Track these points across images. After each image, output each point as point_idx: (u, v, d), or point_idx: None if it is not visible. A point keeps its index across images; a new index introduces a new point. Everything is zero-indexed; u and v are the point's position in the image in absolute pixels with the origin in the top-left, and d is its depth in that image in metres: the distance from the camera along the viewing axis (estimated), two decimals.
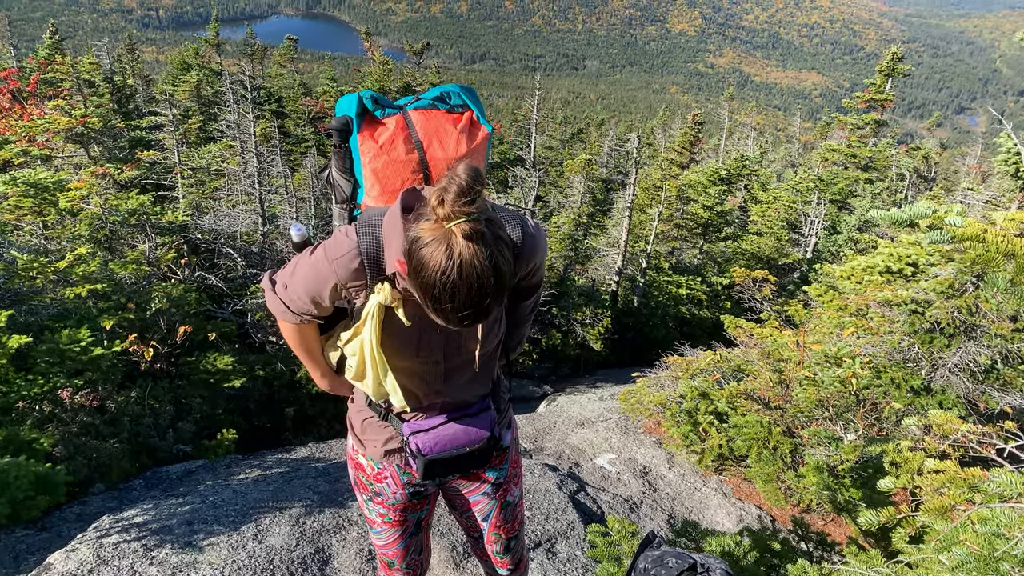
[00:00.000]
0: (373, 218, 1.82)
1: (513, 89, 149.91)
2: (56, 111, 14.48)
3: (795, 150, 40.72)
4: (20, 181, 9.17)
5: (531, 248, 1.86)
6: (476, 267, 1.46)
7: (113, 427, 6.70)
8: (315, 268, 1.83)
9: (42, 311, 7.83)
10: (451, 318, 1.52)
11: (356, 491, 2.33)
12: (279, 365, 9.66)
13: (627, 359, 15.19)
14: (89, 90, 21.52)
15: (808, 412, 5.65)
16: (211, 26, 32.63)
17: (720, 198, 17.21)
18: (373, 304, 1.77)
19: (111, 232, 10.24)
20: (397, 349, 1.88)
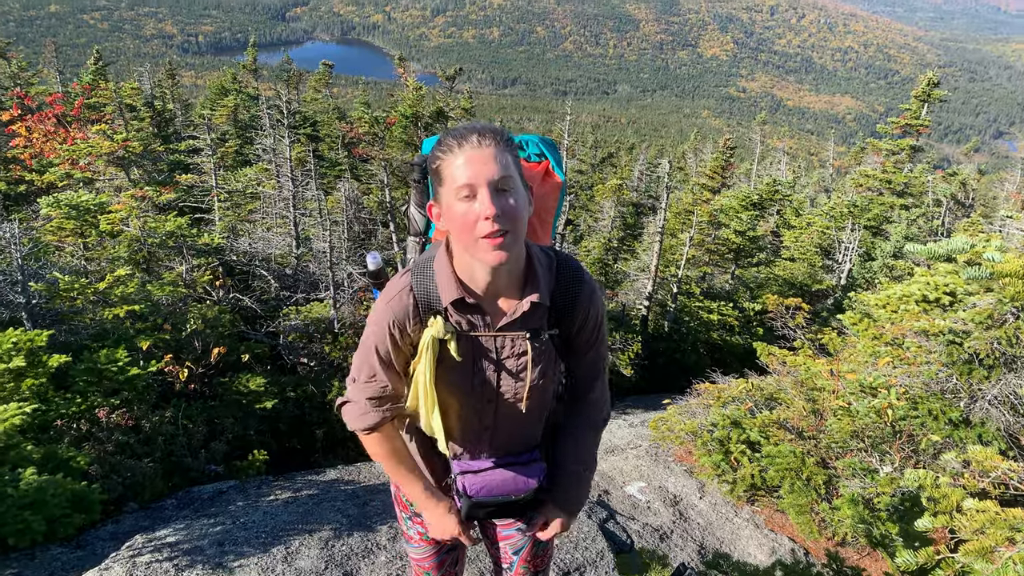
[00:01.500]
0: (427, 258, 1.90)
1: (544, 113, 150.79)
2: (99, 135, 14.87)
3: (828, 175, 40.34)
4: (63, 203, 9.42)
5: (588, 294, 1.96)
6: (479, 123, 1.71)
7: (147, 446, 6.80)
8: (375, 316, 1.91)
9: (81, 331, 8.01)
10: (465, 135, 1.68)
11: (396, 507, 2.39)
12: (310, 387, 9.74)
13: (657, 385, 15.05)
14: (130, 114, 22.10)
15: (842, 443, 5.55)
16: (249, 52, 33.45)
17: (752, 223, 17.09)
18: (427, 337, 1.82)
19: (149, 254, 10.46)
20: (451, 385, 1.91)
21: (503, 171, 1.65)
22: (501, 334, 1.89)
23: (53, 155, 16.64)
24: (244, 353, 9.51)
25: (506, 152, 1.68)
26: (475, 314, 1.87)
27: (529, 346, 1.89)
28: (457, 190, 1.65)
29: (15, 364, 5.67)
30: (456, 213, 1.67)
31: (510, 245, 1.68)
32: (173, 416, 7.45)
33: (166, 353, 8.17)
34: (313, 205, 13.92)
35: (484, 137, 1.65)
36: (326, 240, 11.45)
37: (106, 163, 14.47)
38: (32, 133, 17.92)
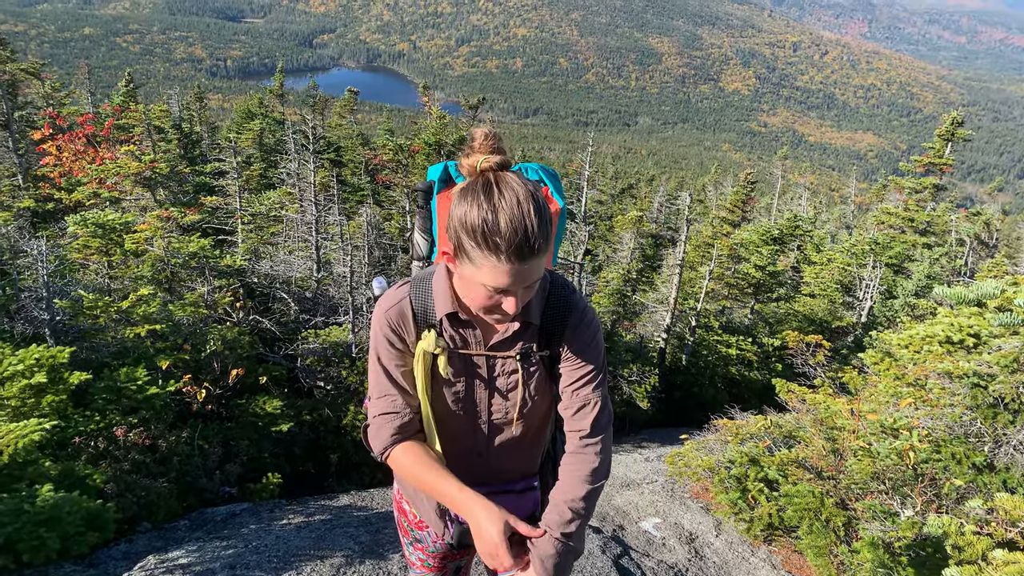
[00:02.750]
0: (426, 274, 1.96)
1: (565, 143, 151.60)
2: (127, 156, 15.12)
3: (850, 211, 40.17)
4: (89, 222, 9.56)
5: (578, 316, 1.93)
6: (513, 189, 1.58)
7: (163, 466, 6.82)
8: (374, 326, 1.93)
9: (103, 349, 8.08)
10: (503, 248, 1.56)
11: (399, 533, 2.38)
12: (326, 411, 9.75)
13: (674, 418, 14.93)
14: (158, 136, 22.49)
15: (863, 484, 5.46)
16: (276, 77, 34.01)
17: (772, 258, 17.02)
18: (419, 350, 1.85)
19: (172, 274, 10.57)
20: (443, 400, 1.93)
21: (539, 272, 1.66)
22: (492, 353, 1.91)
23: (82, 174, 16.92)
24: (262, 375, 9.55)
25: (547, 247, 1.63)
26: (468, 329, 1.90)
27: (519, 365, 1.91)
28: (491, 287, 1.66)
29: (37, 380, 5.72)
30: (478, 295, 1.70)
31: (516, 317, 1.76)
32: (189, 436, 7.48)
33: (185, 373, 8.22)
34: (335, 229, 14.04)
35: (532, 251, 1.58)
36: (347, 264, 11.53)
37: (133, 183, 14.70)
38: (62, 152, 18.25)
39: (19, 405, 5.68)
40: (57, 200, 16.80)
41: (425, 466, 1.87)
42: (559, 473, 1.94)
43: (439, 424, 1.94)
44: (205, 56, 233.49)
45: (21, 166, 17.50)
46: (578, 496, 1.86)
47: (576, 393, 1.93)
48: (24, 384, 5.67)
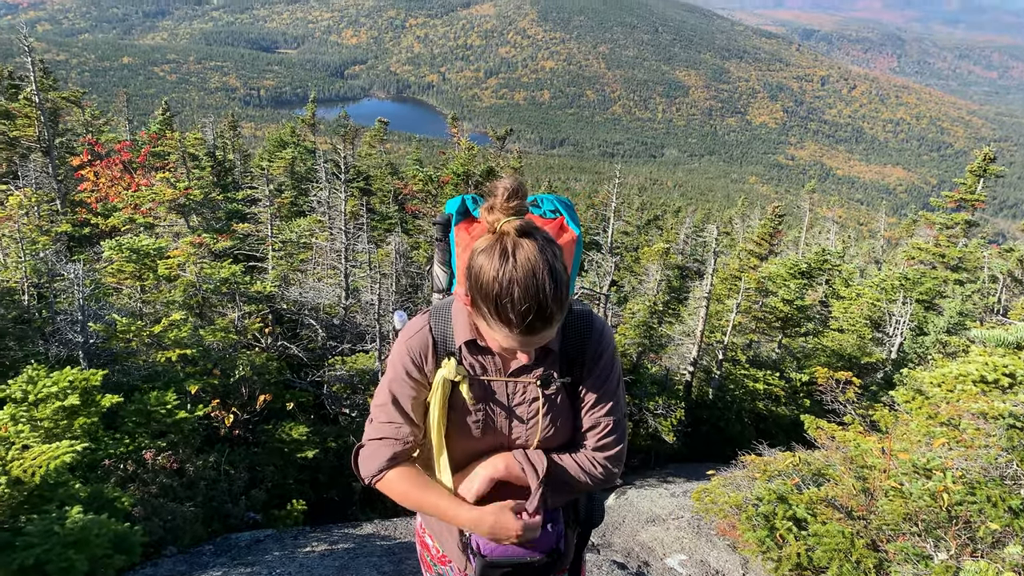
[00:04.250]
0: (446, 303, 1.99)
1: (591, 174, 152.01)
2: (162, 182, 15.43)
3: (879, 246, 39.74)
4: (124, 247, 9.74)
5: (597, 339, 1.95)
6: (530, 260, 1.57)
7: (190, 490, 6.86)
8: (393, 355, 1.97)
9: (134, 372, 8.20)
10: (514, 322, 1.59)
11: (422, 567, 2.38)
12: (351, 438, 9.77)
13: (700, 453, 14.74)
14: (192, 163, 22.92)
15: (895, 525, 5.35)
16: (308, 107, 34.59)
17: (800, 292, 16.85)
18: (439, 378, 1.87)
19: (203, 299, 10.71)
20: (462, 428, 1.94)
21: (551, 336, 1.71)
22: (512, 379, 1.92)
23: (118, 200, 17.28)
24: (289, 401, 9.62)
25: (561, 316, 1.67)
26: (487, 357, 1.92)
27: (540, 392, 1.91)
28: (504, 347, 1.74)
29: (70, 402, 5.80)
30: (493, 343, 1.78)
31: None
32: (216, 461, 7.53)
33: (213, 398, 8.31)
34: (363, 257, 14.17)
35: (545, 324, 1.62)
36: (374, 292, 11.61)
37: (167, 209, 14.98)
38: (100, 178, 18.67)
39: (52, 427, 5.76)
40: (93, 225, 17.15)
41: (423, 486, 1.90)
42: None
43: (456, 454, 1.95)
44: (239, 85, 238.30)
45: (60, 191, 17.92)
46: (567, 467, 1.93)
47: (590, 414, 1.95)
48: (57, 406, 5.75)
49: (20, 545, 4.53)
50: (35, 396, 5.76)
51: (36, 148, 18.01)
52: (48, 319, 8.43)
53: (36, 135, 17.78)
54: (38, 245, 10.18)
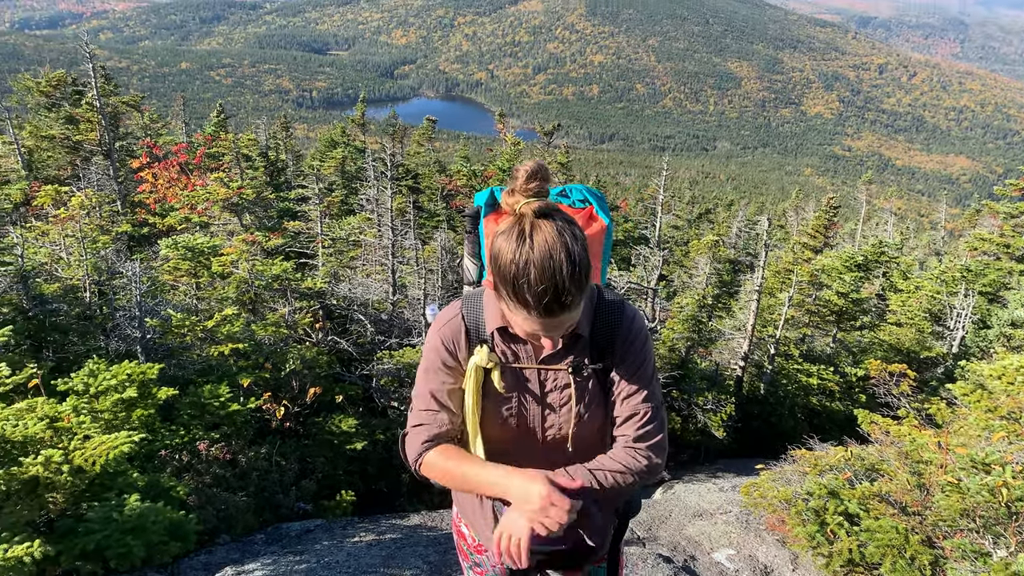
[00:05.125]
0: (477, 292, 2.02)
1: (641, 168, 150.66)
2: (216, 183, 15.84)
3: (940, 237, 38.47)
4: (180, 245, 10.02)
5: (628, 325, 1.94)
6: (547, 241, 1.57)
7: (242, 481, 7.04)
8: (427, 343, 2.00)
9: (189, 366, 8.44)
10: (532, 304, 1.58)
11: (459, 556, 2.40)
12: (399, 430, 9.87)
13: (750, 449, 14.52)
14: (246, 164, 23.45)
15: (951, 521, 5.19)
16: (358, 107, 35.04)
17: (856, 285, 16.43)
18: (471, 365, 1.89)
19: (255, 295, 10.96)
20: (496, 416, 1.95)
21: (573, 319, 1.70)
22: (544, 367, 1.92)
23: (175, 200, 17.80)
24: (338, 394, 9.78)
25: (581, 298, 1.65)
26: (518, 344, 1.92)
27: (572, 379, 1.91)
28: (526, 330, 1.74)
29: (128, 395, 6.01)
30: (518, 328, 1.78)
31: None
32: (268, 452, 7.70)
33: (265, 391, 8.50)
34: (410, 253, 14.32)
35: (562, 307, 1.60)
36: (421, 287, 11.74)
37: (221, 208, 15.37)
38: (158, 179, 19.27)
39: (111, 418, 5.97)
40: (151, 225, 17.70)
41: (461, 460, 1.88)
42: None
43: (490, 443, 1.95)
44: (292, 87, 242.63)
45: (120, 193, 18.53)
46: (615, 468, 1.85)
47: (625, 402, 1.92)
48: (116, 398, 5.96)
49: (82, 531, 4.71)
50: (96, 389, 5.97)
51: (98, 151, 18.66)
52: (108, 315, 8.73)
53: (98, 139, 18.42)
54: (99, 244, 10.55)
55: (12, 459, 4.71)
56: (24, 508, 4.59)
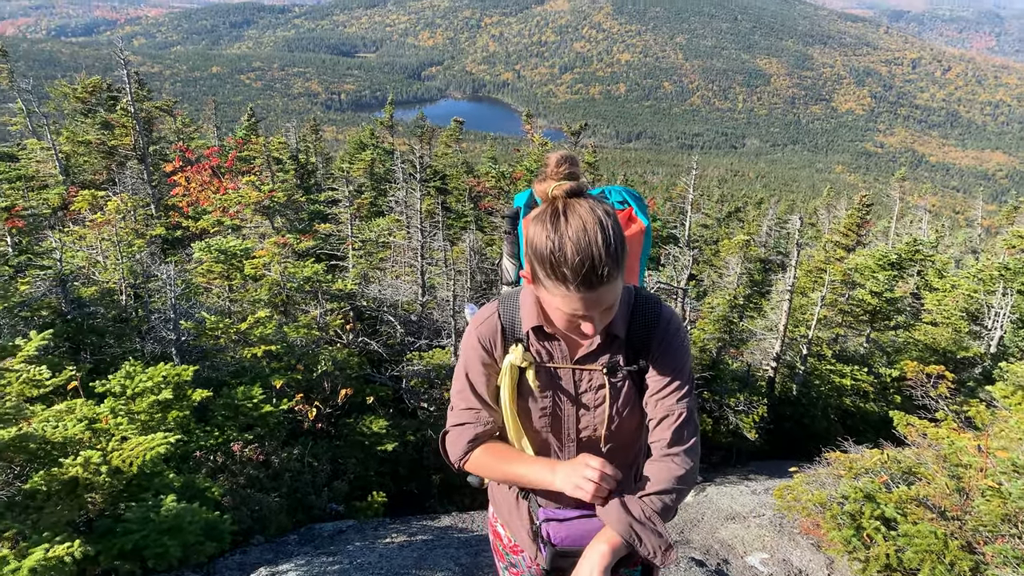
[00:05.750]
0: (514, 292, 2.02)
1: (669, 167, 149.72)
2: (248, 186, 16.02)
3: (976, 235, 37.70)
4: (213, 248, 10.16)
5: (664, 326, 1.93)
6: (580, 216, 1.59)
7: (275, 481, 7.11)
8: (465, 341, 2.01)
9: (222, 368, 8.54)
10: (570, 277, 1.58)
11: (494, 557, 2.43)
12: (429, 432, 9.92)
13: (782, 451, 14.35)
14: (276, 167, 23.69)
15: (992, 526, 5.08)
16: (386, 109, 35.23)
17: (890, 284, 16.16)
18: (506, 363, 1.90)
19: (287, 297, 11.06)
20: (531, 416, 1.96)
21: (613, 297, 1.67)
22: (578, 367, 1.92)
23: (207, 203, 18.04)
24: (369, 395, 9.84)
25: (619, 273, 1.64)
26: (553, 343, 1.93)
27: (607, 380, 1.91)
28: (567, 313, 1.69)
29: (163, 396, 6.09)
30: (558, 317, 1.74)
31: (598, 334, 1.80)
32: (300, 454, 7.77)
33: (297, 392, 8.58)
34: (439, 255, 14.38)
35: (600, 278, 1.59)
36: (450, 289, 11.77)
37: (253, 211, 15.54)
38: (190, 183, 19.54)
39: (147, 419, 6.06)
40: (185, 228, 17.95)
41: (506, 455, 1.92)
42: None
43: (528, 436, 1.97)
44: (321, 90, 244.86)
45: (154, 196, 18.83)
46: (660, 489, 1.83)
47: (660, 403, 1.90)
48: (152, 400, 6.05)
49: (120, 531, 4.79)
50: (132, 390, 6.07)
51: (132, 156, 18.98)
52: (144, 318, 8.87)
53: (132, 143, 18.73)
54: (134, 248, 10.72)
55: (52, 460, 4.81)
56: (64, 508, 4.68)
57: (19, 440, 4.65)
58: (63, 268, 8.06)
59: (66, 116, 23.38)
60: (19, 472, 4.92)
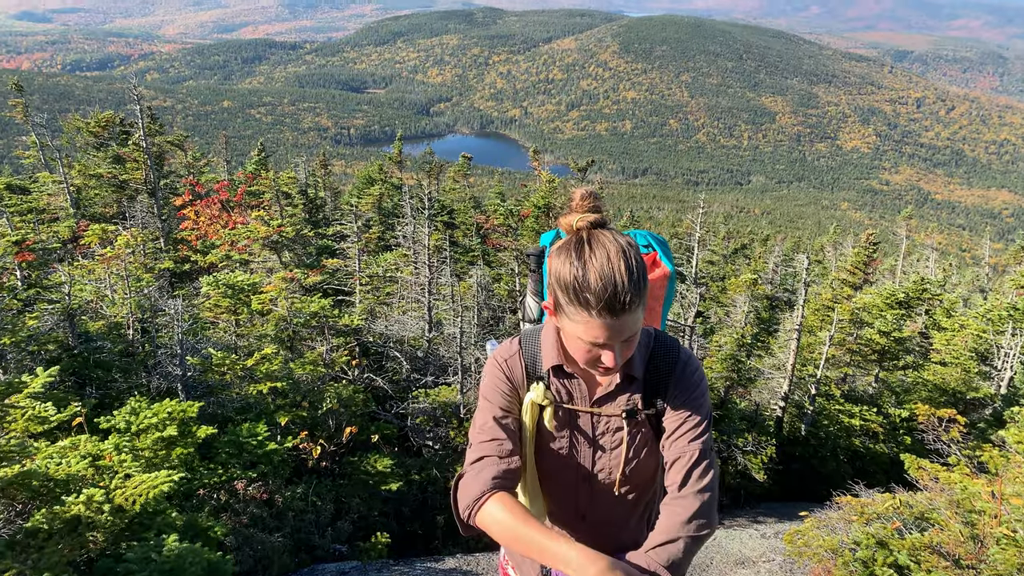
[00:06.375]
0: (535, 330, 2.04)
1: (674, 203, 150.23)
2: (257, 220, 16.11)
3: (984, 274, 37.59)
4: (221, 283, 10.19)
5: (682, 367, 1.92)
6: (603, 245, 1.63)
7: (278, 521, 7.03)
8: (489, 372, 2.00)
9: (227, 404, 8.50)
10: (593, 303, 1.60)
11: None
12: (434, 471, 9.84)
13: (792, 493, 14.17)
14: (286, 201, 23.86)
15: (1008, 575, 4.98)
16: (395, 144, 35.54)
17: (898, 323, 16.10)
18: (527, 400, 1.92)
19: (294, 333, 11.06)
20: (547, 455, 1.97)
21: (634, 327, 1.67)
22: (597, 411, 1.93)
23: (216, 237, 18.15)
24: (374, 433, 9.78)
25: (640, 302, 1.65)
26: (572, 382, 1.94)
27: (625, 422, 1.91)
28: (588, 342, 1.68)
29: (168, 433, 6.06)
30: (579, 348, 1.73)
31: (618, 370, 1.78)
32: (304, 492, 7.70)
33: (302, 430, 8.53)
34: (446, 290, 14.38)
35: (624, 306, 1.60)
36: (457, 325, 11.75)
37: (261, 246, 15.61)
38: (200, 217, 19.68)
39: (151, 456, 6.02)
40: (193, 261, 18.03)
41: (522, 518, 1.71)
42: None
43: (543, 482, 1.96)
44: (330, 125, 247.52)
45: (163, 230, 18.95)
46: (665, 539, 1.72)
47: (674, 445, 1.87)
48: (157, 436, 6.01)
49: (121, 571, 4.72)
50: (137, 427, 6.04)
51: (143, 189, 19.15)
52: (150, 352, 8.86)
53: (143, 177, 18.91)
54: (143, 282, 10.76)
55: (55, 498, 4.77)
56: (65, 547, 4.62)
57: (22, 478, 4.63)
58: (71, 302, 8.07)
59: (78, 149, 23.66)
60: (21, 510, 4.88)
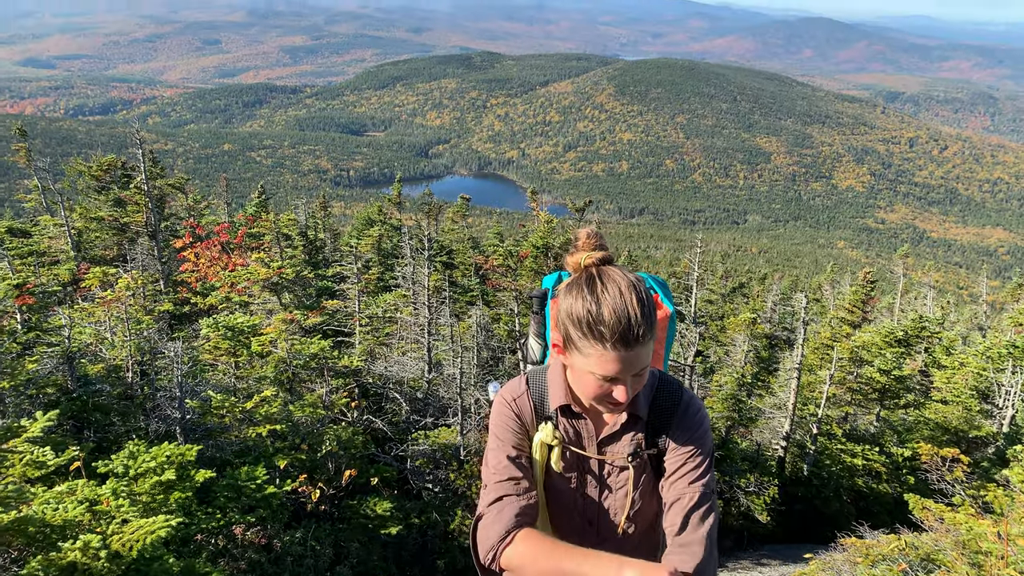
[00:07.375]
0: (541, 370, 2.06)
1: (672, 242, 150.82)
2: (257, 262, 16.15)
3: (982, 311, 37.62)
4: (220, 325, 10.18)
5: (684, 408, 1.94)
6: (614, 280, 1.67)
7: (276, 567, 6.94)
8: (499, 411, 2.01)
9: (226, 447, 8.44)
10: (607, 336, 1.62)
11: None
12: (434, 514, 9.72)
13: (795, 534, 14.00)
14: (286, 243, 23.93)
15: None
16: (394, 186, 35.82)
17: (898, 361, 16.06)
18: (537, 440, 1.94)
19: (293, 374, 11.02)
20: (554, 494, 1.99)
21: (645, 360, 1.69)
22: (603, 457, 1.96)
23: (216, 279, 18.16)
24: (373, 476, 9.69)
25: (651, 335, 1.68)
26: (580, 422, 1.96)
27: (630, 464, 1.93)
28: (600, 376, 1.70)
29: (166, 477, 6.01)
30: (589, 384, 1.74)
31: (627, 405, 1.82)
32: (303, 537, 7.60)
33: (301, 473, 8.46)
34: (446, 331, 14.37)
35: (637, 338, 1.63)
36: (457, 365, 11.72)
37: (261, 288, 15.63)
38: (200, 259, 19.72)
39: (149, 500, 5.96)
40: (193, 304, 18.02)
41: (557, 548, 1.65)
42: None
43: (551, 514, 1.97)
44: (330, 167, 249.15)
45: (163, 272, 18.98)
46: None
47: (673, 486, 1.87)
48: (155, 480, 5.96)
49: None
50: (135, 471, 5.99)
51: (144, 232, 19.22)
52: (149, 395, 8.83)
53: (144, 220, 19.00)
54: (142, 325, 10.74)
55: (51, 544, 4.71)
56: None
57: (18, 523, 4.57)
58: (71, 345, 8.06)
59: (80, 193, 23.81)
60: (16, 557, 4.82)
